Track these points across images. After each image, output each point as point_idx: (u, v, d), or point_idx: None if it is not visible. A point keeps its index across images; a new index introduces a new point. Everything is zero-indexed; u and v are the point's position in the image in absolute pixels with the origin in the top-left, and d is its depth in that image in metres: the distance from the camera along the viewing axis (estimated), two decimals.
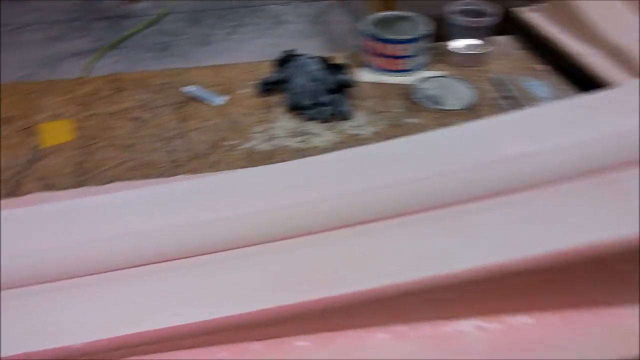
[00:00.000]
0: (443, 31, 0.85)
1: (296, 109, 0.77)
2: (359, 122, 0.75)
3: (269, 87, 0.81)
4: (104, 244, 0.44)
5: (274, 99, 0.80)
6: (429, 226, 0.44)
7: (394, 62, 0.82)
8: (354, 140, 0.72)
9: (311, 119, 0.75)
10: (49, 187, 0.65)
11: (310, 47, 0.88)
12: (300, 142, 0.72)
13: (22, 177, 0.67)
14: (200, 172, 0.67)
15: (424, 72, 0.83)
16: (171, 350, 0.41)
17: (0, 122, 0.76)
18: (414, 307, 0.42)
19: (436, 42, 0.86)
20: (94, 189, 0.60)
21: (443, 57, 0.86)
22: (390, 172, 0.47)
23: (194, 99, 0.80)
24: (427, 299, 0.41)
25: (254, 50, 1.66)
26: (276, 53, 0.85)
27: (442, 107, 0.76)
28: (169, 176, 0.66)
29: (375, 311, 0.42)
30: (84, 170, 0.68)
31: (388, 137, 0.72)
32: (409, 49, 0.81)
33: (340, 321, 0.42)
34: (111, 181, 0.65)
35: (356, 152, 0.53)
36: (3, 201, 0.57)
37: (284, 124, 0.75)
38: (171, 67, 0.92)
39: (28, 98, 0.83)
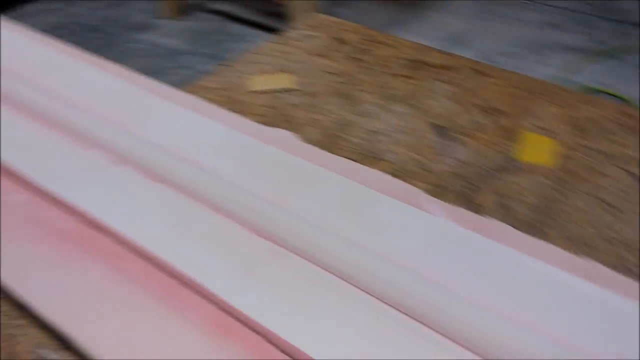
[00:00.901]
0: None
1: None
2: None
3: None
4: None
5: None
6: None
7: None
8: None
9: None
10: (503, 209, 0.56)
11: None
12: None
13: (480, 183, 0.60)
14: None
15: None
16: None
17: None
18: None
19: None
20: (554, 249, 0.47)
21: None
22: None
23: None
24: None
25: None
26: None
27: None
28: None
29: None
30: (547, 209, 0.56)
31: None
32: None
33: None
34: (576, 240, 0.52)
35: None
36: (459, 211, 0.51)
37: None
38: None
39: (518, 93, 0.75)
